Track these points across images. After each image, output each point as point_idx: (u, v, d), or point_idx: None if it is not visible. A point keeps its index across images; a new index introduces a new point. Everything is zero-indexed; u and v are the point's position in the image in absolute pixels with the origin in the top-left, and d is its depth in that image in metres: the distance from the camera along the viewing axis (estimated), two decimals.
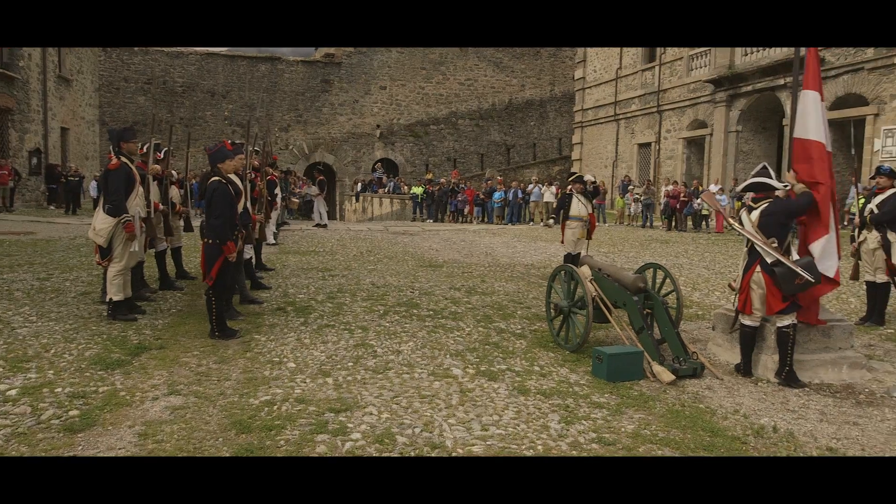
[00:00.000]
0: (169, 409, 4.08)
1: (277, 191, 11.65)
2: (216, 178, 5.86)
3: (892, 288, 7.13)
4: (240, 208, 6.46)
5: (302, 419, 3.97)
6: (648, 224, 20.51)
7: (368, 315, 6.87)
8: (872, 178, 7.31)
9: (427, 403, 4.33)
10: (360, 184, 30.51)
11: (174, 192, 7.99)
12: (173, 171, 8.29)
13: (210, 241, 5.72)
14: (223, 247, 5.68)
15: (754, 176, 5.22)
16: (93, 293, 7.40)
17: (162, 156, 7.70)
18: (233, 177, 6.27)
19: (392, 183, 29.46)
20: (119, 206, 6.19)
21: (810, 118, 5.31)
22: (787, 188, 5.11)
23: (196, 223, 7.85)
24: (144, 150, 7.47)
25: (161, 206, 7.41)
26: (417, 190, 25.19)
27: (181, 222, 8.31)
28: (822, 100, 5.39)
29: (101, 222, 6.23)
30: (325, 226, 18.23)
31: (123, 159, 6.38)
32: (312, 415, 4.05)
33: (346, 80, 32.84)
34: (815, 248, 5.18)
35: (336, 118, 32.92)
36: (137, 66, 30.59)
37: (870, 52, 16.63)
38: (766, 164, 5.27)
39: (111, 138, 6.64)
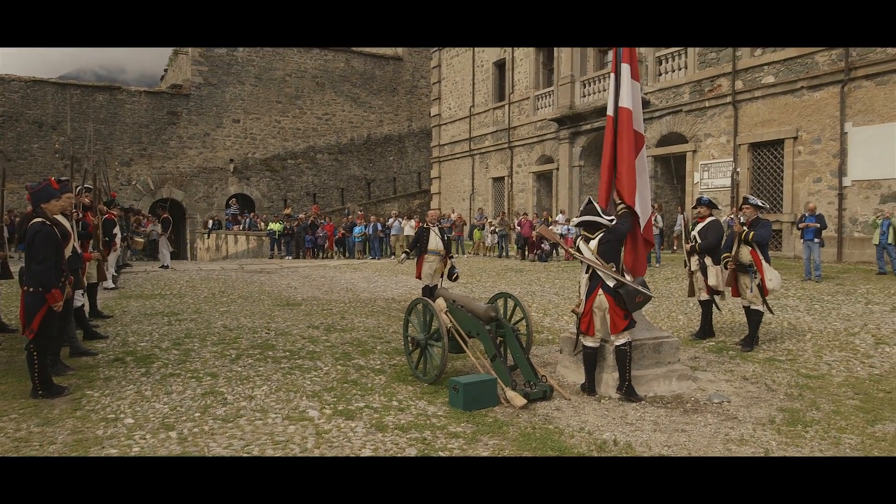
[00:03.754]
0: None
1: (116, 230, 10.82)
2: (39, 219, 5.33)
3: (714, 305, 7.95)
4: (67, 252, 5.90)
5: None
6: (504, 254, 21.42)
7: (219, 360, 6.50)
8: (694, 207, 8.14)
9: (280, 449, 4.16)
10: (211, 221, 29.07)
11: None
12: None
13: (31, 289, 5.15)
14: (46, 295, 5.14)
15: (583, 213, 5.66)
16: None
17: None
18: (59, 217, 5.73)
19: (248, 219, 28.39)
20: None
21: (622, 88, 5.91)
22: (612, 222, 5.57)
23: (15, 268, 7.04)
24: None
25: None
26: (275, 226, 24.43)
27: None
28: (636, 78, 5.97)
29: None
30: (166, 267, 17.15)
31: None
32: None
33: (195, 113, 31.38)
34: None
35: (185, 152, 31.26)
36: None
37: (686, 97, 18.82)
38: (591, 198, 5.73)
39: None
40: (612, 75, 5.99)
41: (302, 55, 33.87)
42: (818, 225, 12.64)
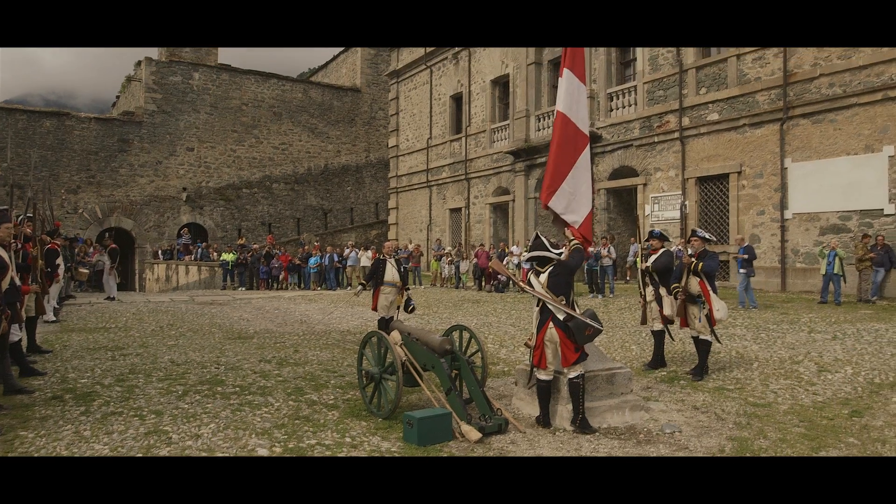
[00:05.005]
0: None
1: (59, 261, 10.45)
2: None
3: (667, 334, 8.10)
4: (5, 284, 5.66)
5: None
6: (461, 285, 21.45)
7: (164, 397, 6.27)
8: (646, 240, 8.35)
9: None
10: (161, 251, 28.33)
11: None
12: None
13: None
14: None
15: (532, 248, 5.73)
16: None
17: None
18: None
19: (200, 249, 27.77)
20: None
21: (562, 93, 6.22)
22: (561, 255, 5.65)
23: None
24: None
25: None
26: (228, 256, 23.93)
27: None
28: (583, 83, 6.27)
29: None
30: (112, 298, 16.61)
31: None
32: None
33: (147, 140, 30.76)
34: None
35: (136, 180, 30.54)
36: None
37: (636, 132, 19.43)
38: (538, 233, 5.82)
39: None
40: (560, 78, 6.36)
41: (259, 84, 33.74)
42: (746, 256, 13.22)
